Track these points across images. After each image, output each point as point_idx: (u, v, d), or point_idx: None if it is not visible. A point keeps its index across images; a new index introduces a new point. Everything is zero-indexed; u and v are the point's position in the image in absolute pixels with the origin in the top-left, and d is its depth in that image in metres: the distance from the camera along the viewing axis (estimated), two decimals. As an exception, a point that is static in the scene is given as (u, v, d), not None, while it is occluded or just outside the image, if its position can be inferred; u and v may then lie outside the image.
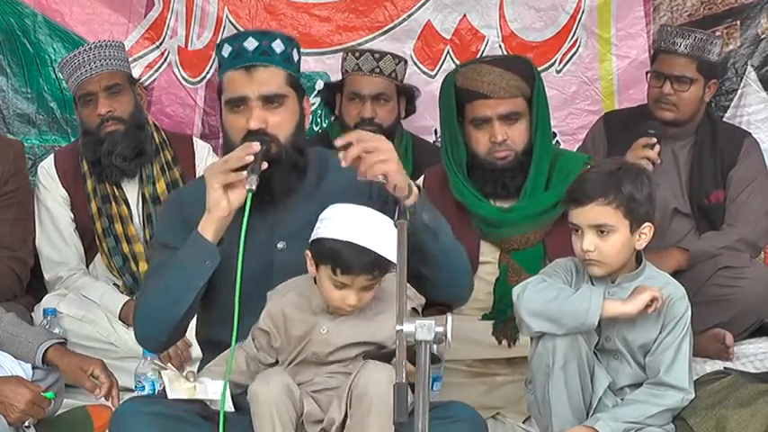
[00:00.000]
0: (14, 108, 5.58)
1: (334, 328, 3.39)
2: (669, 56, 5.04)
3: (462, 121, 4.38)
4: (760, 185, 5.08)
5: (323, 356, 3.39)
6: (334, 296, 3.34)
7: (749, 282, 4.82)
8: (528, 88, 4.33)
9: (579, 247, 3.70)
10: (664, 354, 3.73)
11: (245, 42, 3.53)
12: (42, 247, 4.98)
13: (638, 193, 3.68)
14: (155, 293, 3.50)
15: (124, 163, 4.86)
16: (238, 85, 3.52)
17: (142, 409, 3.35)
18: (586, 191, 3.68)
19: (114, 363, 4.49)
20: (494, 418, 4.34)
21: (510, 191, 4.37)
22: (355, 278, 3.31)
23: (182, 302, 3.46)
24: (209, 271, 3.44)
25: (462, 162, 4.39)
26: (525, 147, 4.34)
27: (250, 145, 3.41)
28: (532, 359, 3.75)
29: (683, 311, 3.75)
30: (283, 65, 3.55)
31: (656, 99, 5.05)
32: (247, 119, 3.49)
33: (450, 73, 4.56)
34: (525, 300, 3.69)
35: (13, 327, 4.10)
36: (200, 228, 3.44)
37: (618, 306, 3.66)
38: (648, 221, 3.72)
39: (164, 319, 3.49)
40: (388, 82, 5.21)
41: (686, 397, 3.75)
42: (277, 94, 3.52)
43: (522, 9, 5.68)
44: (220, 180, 3.41)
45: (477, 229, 4.41)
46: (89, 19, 5.59)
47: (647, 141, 4.83)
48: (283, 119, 3.52)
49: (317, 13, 5.66)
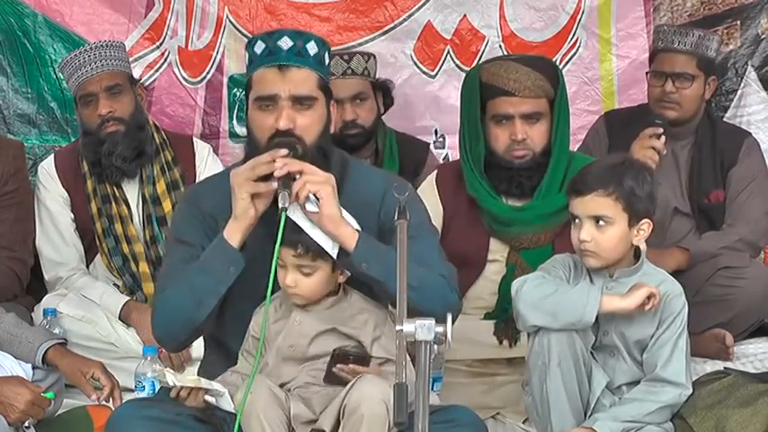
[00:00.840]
0: (15, 108, 5.58)
1: (306, 319, 3.43)
2: (669, 54, 5.04)
3: (483, 118, 4.39)
4: (760, 185, 5.08)
5: (302, 350, 3.41)
6: (281, 277, 3.40)
7: (749, 282, 4.82)
8: (552, 90, 4.33)
9: (576, 237, 3.72)
10: (661, 350, 3.74)
11: (280, 41, 3.49)
12: (42, 248, 4.98)
13: (639, 188, 3.70)
14: (177, 295, 3.47)
15: (124, 163, 4.86)
16: (270, 83, 3.48)
17: (138, 412, 3.35)
18: (587, 181, 3.70)
19: (114, 363, 4.50)
20: (494, 418, 4.34)
21: (524, 190, 4.37)
22: (282, 251, 3.34)
23: (204, 306, 3.45)
24: (233, 277, 3.43)
25: (480, 158, 4.39)
26: (544, 148, 4.34)
27: (277, 151, 3.39)
28: (529, 358, 3.76)
29: (679, 308, 3.77)
30: (316, 67, 3.51)
31: (658, 98, 5.05)
32: (276, 118, 3.46)
33: (474, 68, 4.56)
34: (524, 293, 3.71)
35: (13, 327, 4.10)
36: (225, 234, 3.43)
37: (615, 301, 3.68)
38: (647, 218, 3.74)
39: (185, 321, 3.48)
40: (363, 81, 5.19)
41: (684, 393, 3.76)
42: (308, 95, 3.48)
43: (522, 9, 5.68)
44: (249, 190, 3.39)
45: (488, 226, 4.41)
46: (89, 19, 5.59)
47: (653, 131, 4.85)
48: (312, 121, 3.49)
49: (317, 14, 5.66)
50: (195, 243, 3.52)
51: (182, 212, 3.67)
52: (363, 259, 3.36)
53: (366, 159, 5.17)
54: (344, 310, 3.45)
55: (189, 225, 3.58)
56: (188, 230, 3.57)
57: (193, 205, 3.62)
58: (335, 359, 3.36)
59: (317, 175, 3.37)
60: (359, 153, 5.12)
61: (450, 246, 3.95)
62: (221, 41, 5.65)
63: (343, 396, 3.29)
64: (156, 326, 3.56)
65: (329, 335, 3.43)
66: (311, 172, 3.37)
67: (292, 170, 3.36)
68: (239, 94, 5.66)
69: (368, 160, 5.19)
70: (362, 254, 3.36)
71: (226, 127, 5.70)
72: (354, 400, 3.25)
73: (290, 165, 3.37)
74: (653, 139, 4.85)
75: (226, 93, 5.68)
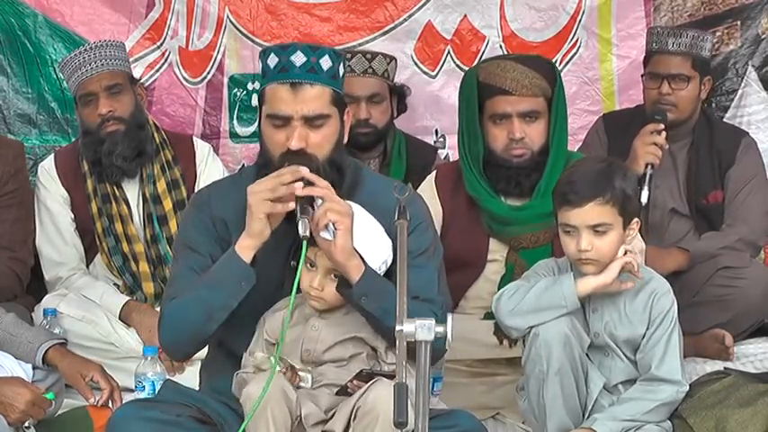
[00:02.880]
0: (15, 108, 5.58)
1: (324, 327, 3.43)
2: (663, 56, 5.04)
3: (481, 117, 4.39)
4: (758, 185, 5.08)
5: (317, 355, 3.41)
6: (305, 279, 3.39)
7: (749, 282, 4.82)
8: (549, 89, 4.34)
9: (574, 247, 3.70)
10: (654, 349, 3.74)
11: (293, 56, 3.46)
12: (42, 247, 4.98)
13: (629, 188, 3.71)
14: (186, 308, 3.45)
15: (125, 163, 4.86)
16: (282, 103, 3.46)
17: (138, 413, 3.35)
18: (580, 191, 3.67)
19: (114, 363, 4.51)
20: (494, 419, 4.34)
21: (523, 189, 4.37)
22: (318, 252, 3.36)
23: (213, 320, 3.43)
24: (244, 292, 3.42)
25: (479, 157, 4.39)
26: (542, 146, 4.34)
27: (298, 169, 3.37)
28: (525, 364, 3.76)
29: (669, 305, 3.77)
30: (329, 82, 3.49)
31: (654, 101, 5.04)
32: (288, 137, 3.45)
33: (472, 68, 4.57)
34: (501, 305, 3.74)
35: (13, 327, 4.10)
36: (237, 248, 3.41)
37: (590, 281, 3.69)
38: (636, 217, 3.75)
39: (193, 334, 3.48)
40: (381, 82, 5.21)
41: (680, 390, 3.76)
42: (321, 114, 3.47)
43: (522, 9, 5.68)
44: (267, 210, 3.37)
45: (487, 226, 4.41)
46: (89, 19, 5.59)
47: (654, 127, 4.86)
48: (324, 138, 3.47)
49: (317, 14, 5.66)
50: (204, 251, 3.52)
51: (191, 218, 3.64)
52: (363, 294, 3.36)
53: (374, 159, 5.19)
54: (360, 318, 3.44)
55: (198, 231, 3.57)
56: (197, 237, 3.56)
57: (203, 210, 3.60)
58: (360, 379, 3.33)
59: (338, 204, 3.36)
60: (368, 153, 5.13)
61: (450, 246, 3.96)
62: (222, 42, 5.65)
63: (357, 398, 3.28)
64: (163, 336, 3.55)
65: (346, 341, 3.43)
66: (332, 200, 3.36)
67: (315, 193, 3.35)
68: (239, 94, 5.66)
69: (376, 160, 5.20)
70: (363, 288, 3.36)
71: (226, 127, 5.70)
72: (370, 402, 3.23)
73: (313, 188, 3.36)
74: (654, 134, 4.85)
75: (226, 93, 5.68)
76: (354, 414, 3.27)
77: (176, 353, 3.64)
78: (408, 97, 5.41)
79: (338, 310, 3.46)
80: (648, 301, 3.75)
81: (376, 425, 3.21)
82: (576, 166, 3.85)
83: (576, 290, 3.67)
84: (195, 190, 4.73)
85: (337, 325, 3.44)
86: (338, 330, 3.43)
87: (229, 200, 3.52)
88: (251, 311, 3.46)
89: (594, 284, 3.69)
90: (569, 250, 3.72)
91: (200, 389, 3.70)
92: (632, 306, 3.77)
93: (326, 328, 3.43)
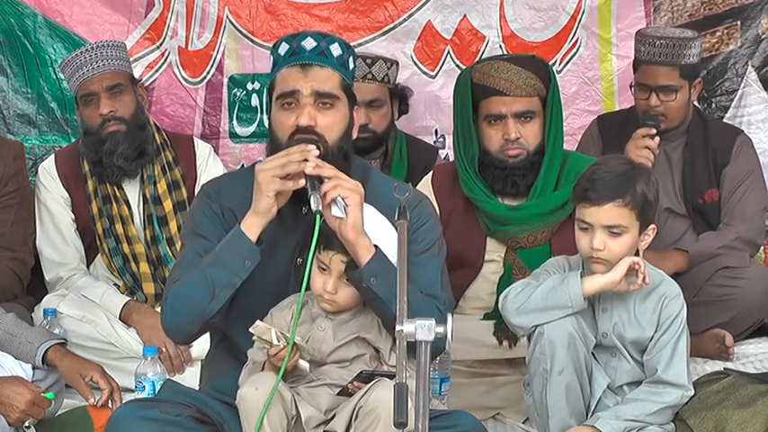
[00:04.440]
0: (15, 108, 5.58)
1: (331, 328, 3.43)
2: (651, 67, 4.97)
3: (476, 118, 4.39)
4: (754, 182, 5.07)
5: (322, 356, 3.41)
6: (318, 283, 3.39)
7: (749, 282, 4.82)
8: (544, 89, 4.34)
9: (587, 244, 3.69)
10: (661, 352, 3.74)
11: (304, 42, 3.50)
12: (43, 248, 4.98)
13: (650, 194, 3.69)
14: (190, 287, 3.43)
15: (125, 163, 4.86)
16: (292, 80, 3.48)
17: (138, 413, 3.34)
18: (600, 190, 3.66)
19: (114, 363, 4.51)
20: (494, 419, 4.35)
21: (519, 189, 4.37)
22: (332, 256, 3.35)
23: (217, 299, 3.41)
24: (248, 270, 3.40)
25: (474, 158, 4.40)
26: (537, 146, 4.34)
27: (307, 147, 3.37)
28: (530, 363, 3.76)
29: (678, 309, 3.77)
30: (339, 68, 3.51)
31: (645, 111, 5.00)
32: (297, 116, 3.45)
33: (466, 69, 4.56)
34: (508, 303, 3.73)
35: (13, 327, 4.11)
36: (243, 227, 3.40)
37: (598, 279, 3.68)
38: (653, 223, 3.74)
39: (197, 314, 3.44)
40: (381, 87, 5.19)
41: (685, 394, 3.76)
42: (330, 93, 3.47)
43: (522, 9, 5.69)
44: (276, 187, 3.37)
45: (484, 226, 4.41)
46: (89, 19, 5.59)
47: (646, 132, 4.85)
48: (333, 121, 3.48)
49: (317, 14, 5.67)
50: (212, 237, 3.50)
51: (201, 205, 3.63)
52: (373, 274, 3.34)
53: (375, 161, 5.18)
54: (365, 320, 3.45)
55: (207, 218, 3.56)
56: (206, 224, 3.55)
57: (213, 199, 3.60)
58: (360, 379, 3.34)
59: (348, 181, 3.36)
60: (368, 156, 5.13)
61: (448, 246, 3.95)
62: (221, 42, 5.65)
63: (358, 398, 3.28)
64: (166, 317, 3.51)
65: (351, 342, 3.43)
66: (340, 177, 3.36)
67: (324, 174, 3.35)
68: (239, 94, 5.66)
69: (377, 161, 5.20)
70: (374, 269, 3.35)
71: (226, 127, 5.70)
72: (371, 402, 3.23)
73: (322, 168, 3.36)
74: (646, 139, 4.84)
75: (226, 93, 5.68)
76: (356, 414, 3.27)
77: (178, 334, 3.57)
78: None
79: (346, 312, 3.46)
80: (658, 304, 3.75)
81: (377, 425, 3.21)
82: (600, 163, 3.83)
83: (583, 288, 3.66)
84: (196, 191, 4.72)
85: (344, 326, 3.44)
86: (344, 331, 3.43)
87: (239, 191, 3.51)
88: (256, 308, 3.45)
89: (601, 283, 3.68)
90: (582, 246, 3.72)
91: (201, 388, 3.70)
92: (642, 308, 3.76)
93: (333, 328, 3.43)
